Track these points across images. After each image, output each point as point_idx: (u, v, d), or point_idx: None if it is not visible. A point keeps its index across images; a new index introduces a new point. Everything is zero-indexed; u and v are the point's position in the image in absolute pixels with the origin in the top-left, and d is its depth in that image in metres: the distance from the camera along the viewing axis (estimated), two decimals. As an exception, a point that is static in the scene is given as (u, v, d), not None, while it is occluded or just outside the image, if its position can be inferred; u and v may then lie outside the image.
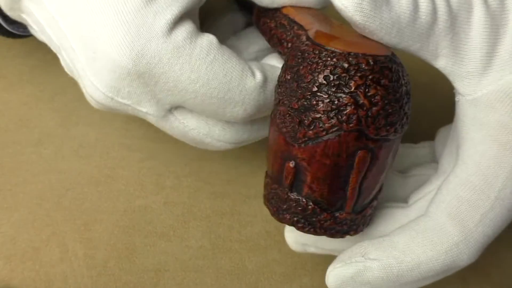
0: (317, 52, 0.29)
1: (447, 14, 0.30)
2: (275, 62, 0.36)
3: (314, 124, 0.29)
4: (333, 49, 0.29)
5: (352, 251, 0.32)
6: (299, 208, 0.31)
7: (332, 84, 0.29)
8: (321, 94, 0.29)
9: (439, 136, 0.38)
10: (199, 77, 0.31)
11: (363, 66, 0.29)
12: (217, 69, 0.32)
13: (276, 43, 0.36)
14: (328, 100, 0.29)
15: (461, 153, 0.32)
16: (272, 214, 0.33)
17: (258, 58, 0.39)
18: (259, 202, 0.44)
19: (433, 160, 0.38)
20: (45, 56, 0.49)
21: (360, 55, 0.29)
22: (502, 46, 0.30)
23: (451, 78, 0.32)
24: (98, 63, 0.31)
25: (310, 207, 0.31)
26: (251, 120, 0.35)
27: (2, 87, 0.48)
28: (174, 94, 0.32)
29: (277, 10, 0.37)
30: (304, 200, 0.31)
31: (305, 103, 0.29)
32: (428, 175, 0.36)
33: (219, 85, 0.32)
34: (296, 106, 0.30)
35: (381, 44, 0.31)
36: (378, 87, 0.29)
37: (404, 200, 0.35)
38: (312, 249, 0.36)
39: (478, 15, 0.30)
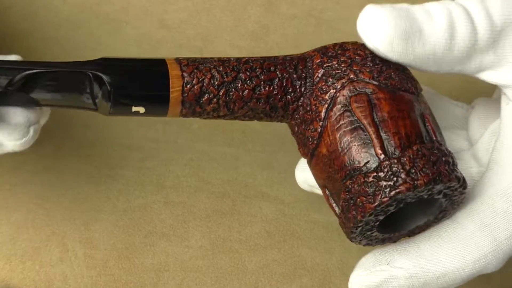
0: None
1: (489, 32, 0.30)
2: None
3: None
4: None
5: (377, 258, 0.31)
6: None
7: None
8: None
9: (478, 107, 0.35)
10: None
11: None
12: None
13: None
14: None
15: (499, 159, 0.31)
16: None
17: None
18: (259, 202, 0.44)
19: (464, 127, 0.36)
20: (44, 56, 0.49)
21: None
22: None
23: (500, 86, 0.31)
24: None
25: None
26: None
27: (2, 87, 0.48)
28: None
29: None
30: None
31: None
32: (458, 142, 0.35)
33: None
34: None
35: None
36: None
37: None
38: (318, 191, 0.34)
39: None
